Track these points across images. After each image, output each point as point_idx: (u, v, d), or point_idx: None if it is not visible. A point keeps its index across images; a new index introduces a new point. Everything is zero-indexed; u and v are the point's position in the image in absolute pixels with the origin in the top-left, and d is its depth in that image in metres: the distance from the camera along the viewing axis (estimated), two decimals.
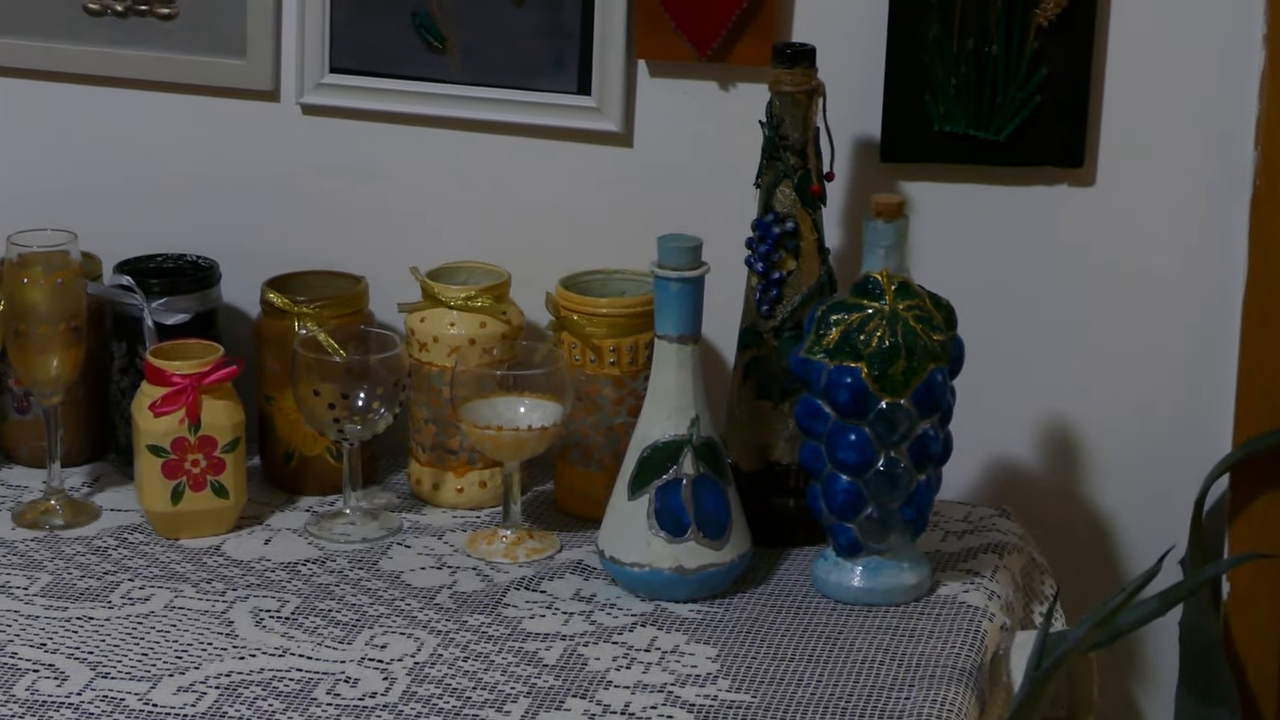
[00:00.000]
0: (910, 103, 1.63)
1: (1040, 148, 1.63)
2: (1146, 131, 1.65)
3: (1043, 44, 1.60)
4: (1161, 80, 1.64)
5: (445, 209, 1.81)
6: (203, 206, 1.86)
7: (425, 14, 1.74)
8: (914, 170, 1.67)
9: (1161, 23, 1.62)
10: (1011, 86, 1.61)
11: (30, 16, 1.83)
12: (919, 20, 1.61)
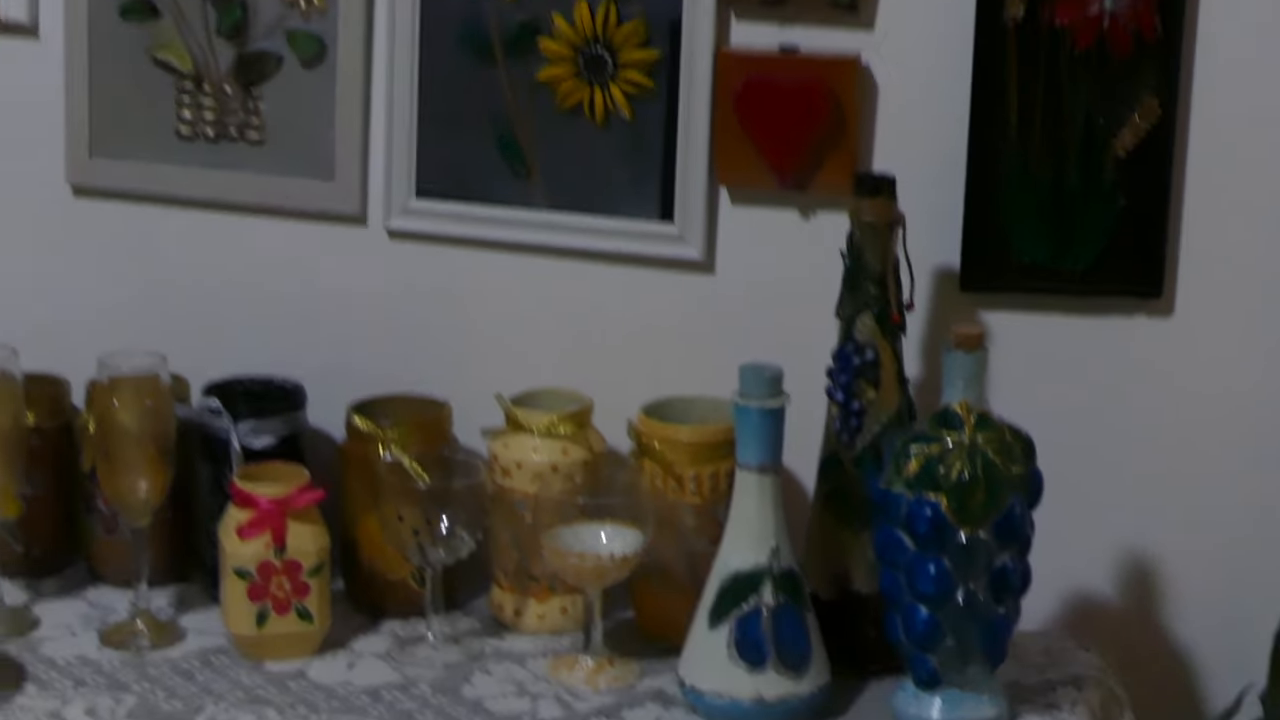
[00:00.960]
0: (989, 233, 1.72)
1: (1119, 278, 1.72)
2: (1225, 261, 1.72)
3: (1121, 174, 1.68)
4: (1240, 209, 1.72)
5: (528, 334, 1.90)
6: (290, 328, 1.95)
7: (510, 139, 1.85)
8: (993, 300, 1.74)
9: (1240, 151, 1.70)
10: (1090, 217, 1.70)
11: (126, 140, 1.96)
12: (998, 151, 1.70)
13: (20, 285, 2.04)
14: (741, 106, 1.75)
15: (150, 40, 1.93)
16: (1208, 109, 1.70)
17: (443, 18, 1.85)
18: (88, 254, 2.03)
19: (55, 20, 1.96)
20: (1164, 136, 1.68)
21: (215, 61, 1.92)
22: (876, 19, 1.74)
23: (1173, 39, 1.66)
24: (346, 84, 1.89)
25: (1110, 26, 1.65)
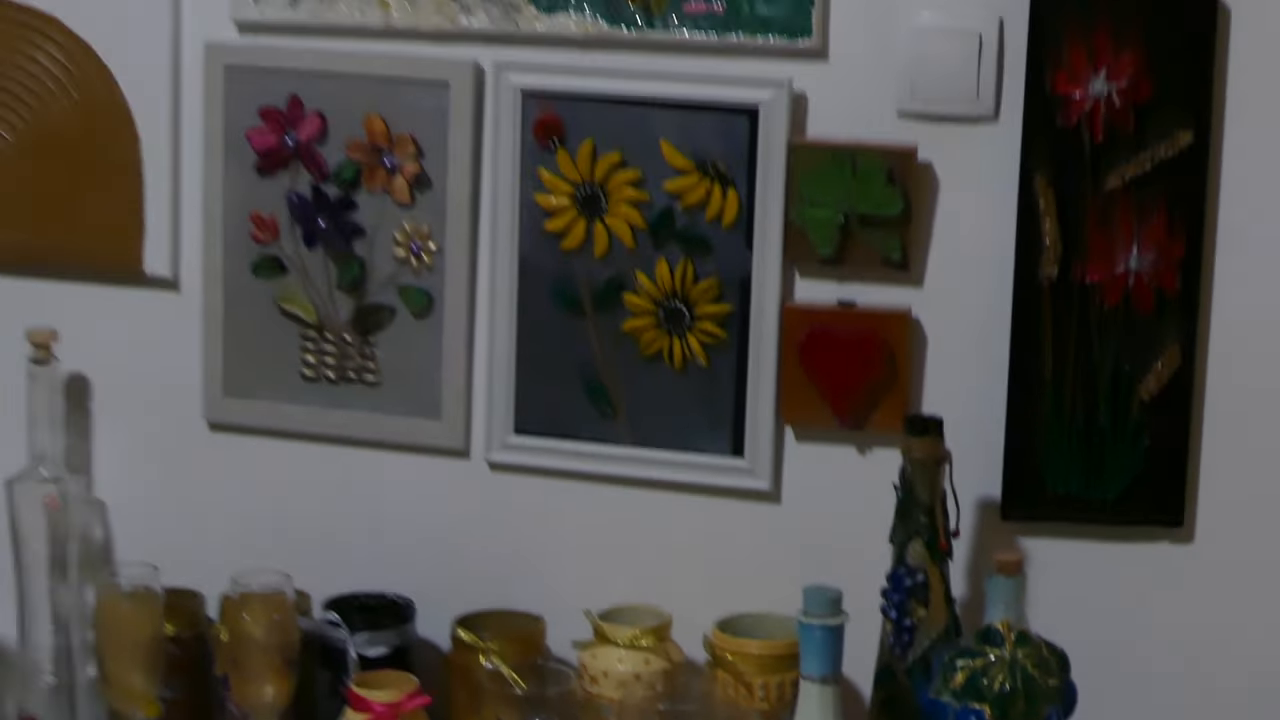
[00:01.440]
0: (1027, 468, 1.81)
1: (1144, 508, 1.81)
2: (1242, 495, 1.82)
3: (1146, 416, 1.78)
4: (1256, 449, 1.81)
5: (614, 556, 2.01)
6: (401, 549, 2.07)
7: (597, 383, 1.97)
8: (1031, 528, 1.84)
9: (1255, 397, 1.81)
10: (1118, 454, 1.80)
11: (256, 381, 2.11)
12: (1035, 395, 1.80)
13: (163, 509, 2.16)
14: (805, 355, 1.87)
15: (278, 293, 2.07)
16: (1225, 358, 1.81)
17: (538, 274, 1.98)
18: (222, 482, 2.14)
19: (194, 275, 2.11)
20: (1185, 383, 1.78)
21: (336, 312, 2.06)
22: (925, 276, 1.87)
23: (1191, 295, 1.77)
24: (452, 333, 2.01)
25: (1135, 284, 1.77)
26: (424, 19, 1.99)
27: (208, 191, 2.09)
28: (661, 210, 1.93)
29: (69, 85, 2.12)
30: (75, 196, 2.15)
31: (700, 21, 1.89)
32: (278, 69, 2.05)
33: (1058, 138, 1.78)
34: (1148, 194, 1.77)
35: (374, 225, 2.04)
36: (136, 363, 2.17)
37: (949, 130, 1.84)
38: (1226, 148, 1.77)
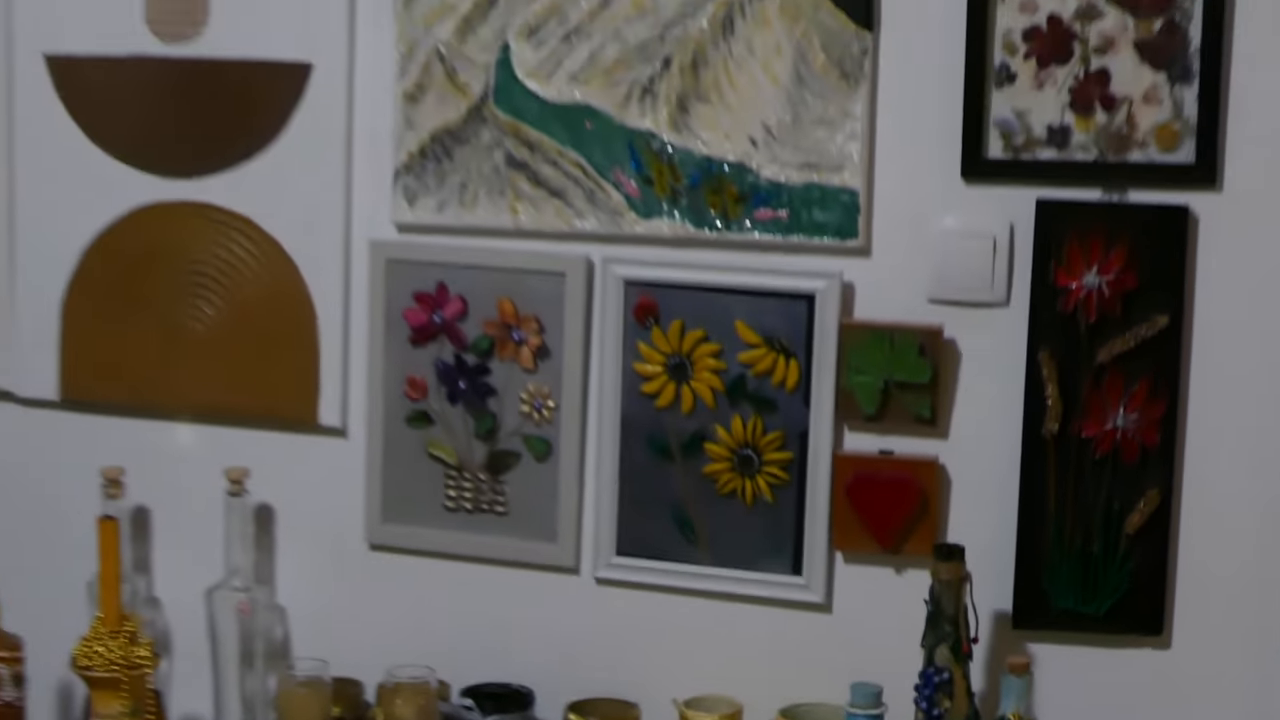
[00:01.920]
0: (1034, 587, 1.95)
1: (1130, 620, 1.92)
2: (1212, 611, 1.93)
3: (1131, 546, 1.92)
4: (1223, 573, 1.93)
5: (696, 654, 2.11)
6: (523, 648, 2.20)
7: (684, 515, 2.11)
8: (1037, 635, 1.96)
9: (1222, 533, 1.94)
10: (1108, 576, 1.93)
11: (407, 511, 2.27)
12: (1039, 527, 1.95)
13: (332, 613, 2.31)
14: (852, 494, 2.01)
15: (426, 441, 2.21)
16: (1196, 500, 1.92)
17: (636, 427, 2.11)
18: (379, 592, 2.29)
19: (359, 426, 2.26)
20: (1163, 519, 1.91)
21: (473, 456, 2.20)
22: (950, 431, 2.01)
23: (1169, 448, 1.90)
24: (566, 474, 2.15)
25: (1122, 439, 1.90)
26: (545, 222, 2.13)
27: (371, 359, 2.24)
28: (736, 376, 2.06)
29: (259, 272, 2.28)
30: (264, 362, 2.28)
31: (768, 225, 2.04)
32: (428, 262, 2.19)
33: (1058, 320, 1.91)
34: (1133, 366, 1.90)
35: (504, 386, 2.17)
36: (312, 495, 2.31)
37: (969, 313, 1.98)
38: (1197, 329, 1.90)
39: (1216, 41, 1.82)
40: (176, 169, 2.27)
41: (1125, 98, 1.88)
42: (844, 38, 1.96)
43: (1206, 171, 1.86)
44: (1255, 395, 1.89)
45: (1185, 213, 1.86)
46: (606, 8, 2.05)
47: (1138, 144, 1.89)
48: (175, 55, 2.25)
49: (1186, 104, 1.85)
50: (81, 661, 2.04)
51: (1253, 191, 1.86)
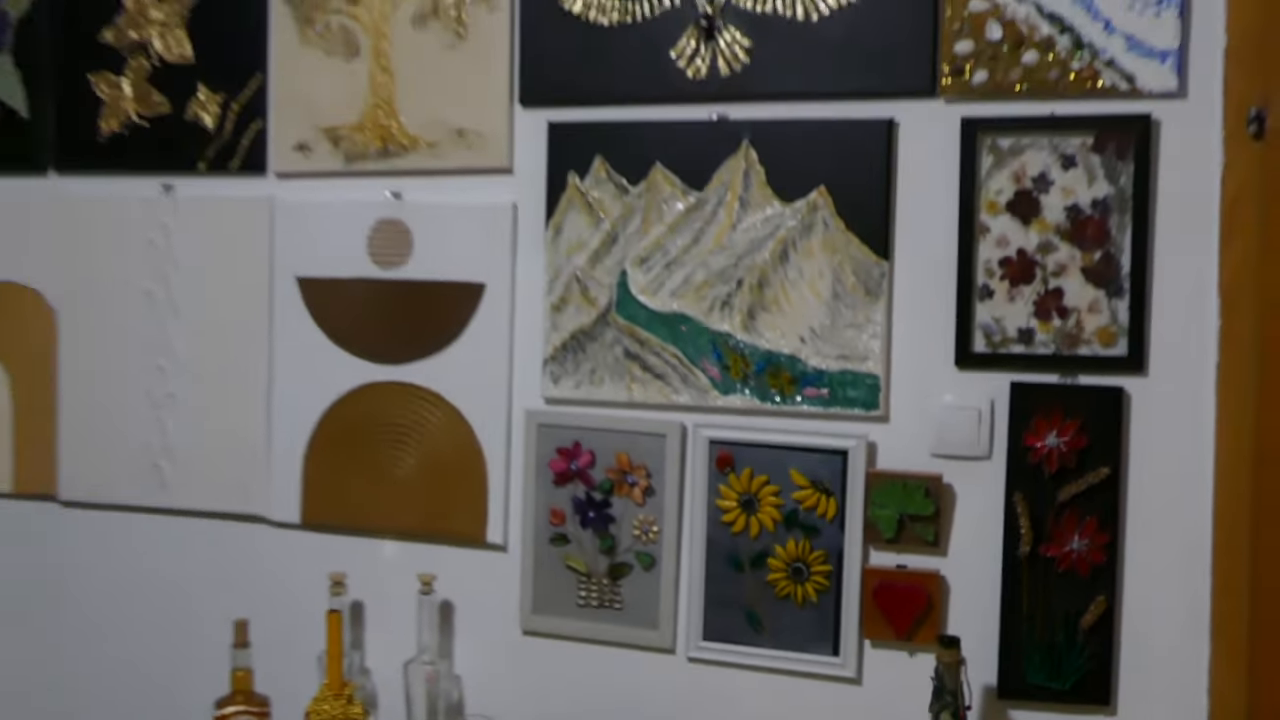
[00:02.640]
0: (1013, 668, 1.96)
1: (1086, 695, 1.94)
2: (1148, 687, 1.94)
3: (1085, 639, 1.94)
4: (1155, 659, 1.92)
5: (761, 715, 2.13)
6: (635, 708, 2.22)
7: (753, 613, 2.10)
8: (1016, 704, 1.97)
9: (1154, 630, 1.90)
10: (1070, 662, 1.95)
11: (550, 607, 2.26)
12: (1017, 624, 1.95)
13: (494, 681, 2.32)
14: (877, 597, 2.02)
15: (564, 555, 2.24)
16: (1134, 604, 1.93)
17: (717, 546, 2.14)
18: (530, 666, 2.30)
19: (516, 543, 2.28)
20: (1109, 618, 1.92)
21: (598, 567, 2.21)
22: (950, 550, 2.01)
23: (1112, 566, 1.91)
24: (666, 580, 2.16)
25: (1077, 558, 1.93)
26: (651, 397, 2.17)
27: (525, 495, 2.25)
28: (790, 510, 2.08)
29: (445, 432, 2.31)
30: (447, 497, 2.30)
31: (813, 400, 2.07)
32: (567, 425, 2.21)
33: (1028, 470, 1.93)
34: (1084, 504, 1.91)
35: (621, 516, 2.19)
36: (481, 594, 2.32)
37: (962, 465, 1.99)
38: (1131, 477, 1.92)
39: (1141, 268, 1.88)
40: (387, 358, 2.32)
41: (1075, 308, 1.91)
42: (868, 265, 2.02)
43: (1136, 362, 1.89)
44: (1176, 526, 1.91)
45: (1121, 392, 1.89)
46: (696, 244, 2.11)
47: (1084, 342, 1.91)
48: (388, 277, 2.31)
49: (1120, 313, 1.89)
50: (312, 717, 2.12)
51: (1169, 377, 1.89)
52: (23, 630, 2.56)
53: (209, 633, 2.36)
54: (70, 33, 2.44)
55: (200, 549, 2.44)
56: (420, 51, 2.23)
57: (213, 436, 2.41)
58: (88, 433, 2.47)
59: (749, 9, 2.04)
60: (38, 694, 2.56)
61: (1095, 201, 1.88)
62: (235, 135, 2.36)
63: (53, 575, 2.53)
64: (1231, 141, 1.76)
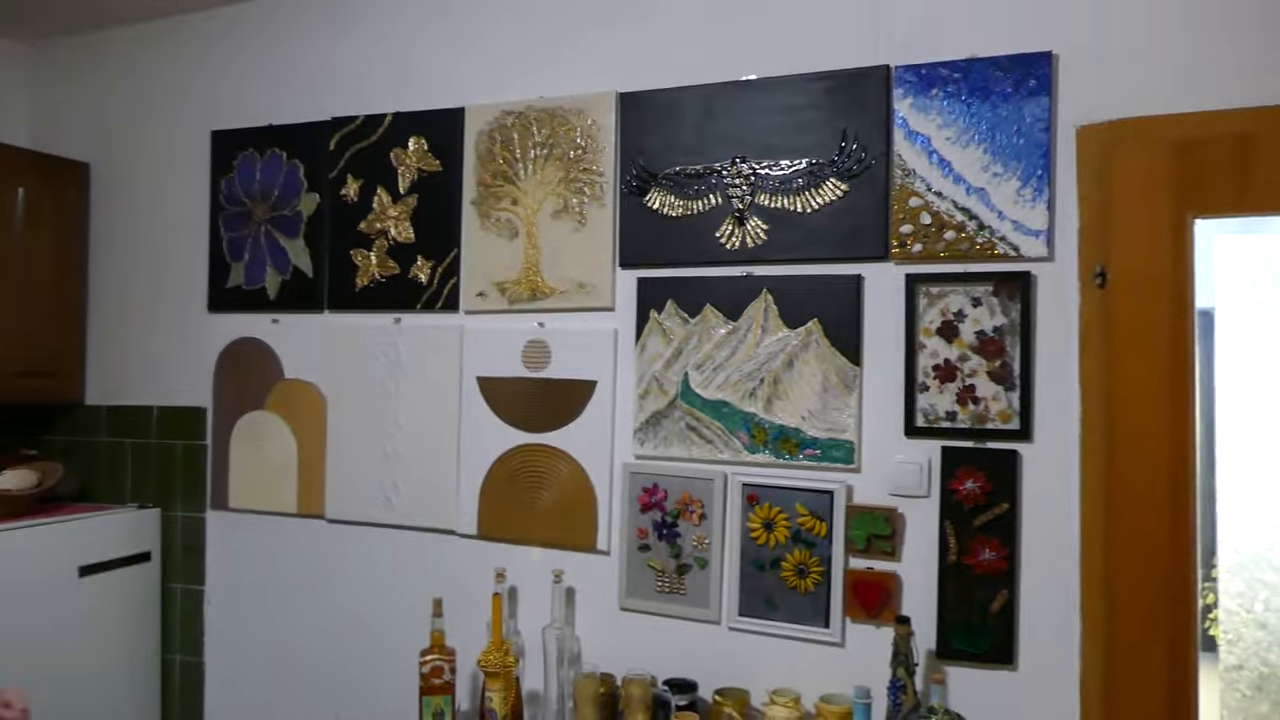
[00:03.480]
0: (946, 638, 1.92)
1: (996, 656, 1.91)
2: (1040, 650, 1.83)
3: (994, 620, 1.86)
4: (1044, 634, 1.82)
5: (778, 668, 2.06)
6: (692, 661, 2.12)
7: (770, 597, 2.04)
8: (949, 663, 1.92)
9: (1042, 610, 1.82)
10: (984, 634, 1.91)
11: (637, 592, 2.18)
12: (949, 609, 1.91)
13: (601, 641, 2.23)
14: (855, 590, 2.01)
15: (646, 558, 2.21)
16: (1027, 596, 1.88)
17: (747, 555, 2.10)
18: (625, 632, 2.20)
19: (616, 549, 2.23)
20: (1010, 606, 1.88)
21: (668, 566, 2.18)
22: (903, 558, 1.97)
23: (1013, 570, 1.85)
24: (714, 575, 2.14)
25: (988, 565, 1.87)
26: (704, 455, 2.12)
27: (621, 518, 2.23)
28: (796, 530, 2.05)
29: (569, 478, 2.28)
30: (571, 520, 2.28)
31: (810, 458, 2.04)
32: (649, 473, 2.19)
33: (954, 505, 1.91)
34: (992, 529, 1.89)
35: (684, 533, 2.16)
36: (593, 582, 2.26)
37: (910, 501, 1.96)
38: (1024, 510, 1.89)
39: (1027, 371, 1.88)
40: (533, 428, 2.31)
41: (983, 398, 1.89)
42: (846, 370, 2.01)
43: (1025, 433, 1.87)
44: (1054, 542, 1.87)
45: (1015, 453, 1.86)
46: (733, 355, 2.10)
47: (990, 420, 1.89)
48: (535, 376, 2.30)
49: (1014, 401, 1.87)
50: (482, 662, 2.09)
51: (1048, 442, 1.86)
52: (300, 605, 2.59)
53: (417, 606, 2.38)
54: (338, 224, 2.52)
55: (413, 551, 2.43)
56: (556, 234, 2.26)
57: (422, 478, 2.41)
58: (344, 474, 2.49)
59: (766, 206, 2.07)
60: (308, 652, 2.58)
61: (996, 328, 1.87)
62: (439, 287, 2.39)
63: (321, 568, 2.55)
64: (1085, 288, 1.79)
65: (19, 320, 2.58)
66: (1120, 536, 1.70)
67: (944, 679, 1.72)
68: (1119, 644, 1.71)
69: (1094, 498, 1.76)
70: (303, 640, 2.52)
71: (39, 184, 2.62)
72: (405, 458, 2.40)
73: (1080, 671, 1.77)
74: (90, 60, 2.79)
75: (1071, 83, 1.77)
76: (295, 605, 2.52)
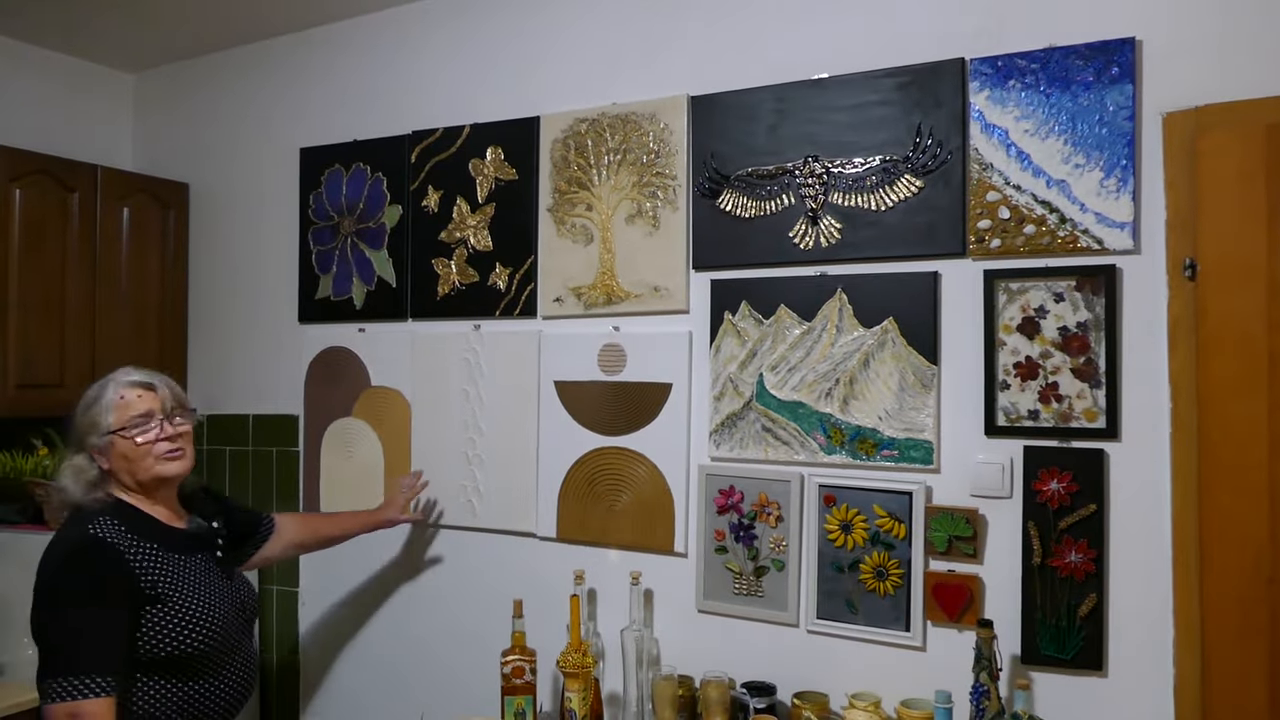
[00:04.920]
0: (1031, 641, 1.90)
1: (1084, 662, 1.86)
2: (1131, 655, 1.81)
3: (1082, 623, 1.82)
4: (1134, 637, 1.78)
5: (855, 671, 2.05)
6: (771, 664, 2.13)
7: (850, 599, 2.03)
8: (1034, 668, 1.90)
9: (1132, 613, 1.78)
10: (1071, 638, 1.86)
11: (714, 594, 2.19)
12: (1034, 611, 1.87)
13: (679, 642, 2.25)
14: (935, 593, 1.99)
15: (724, 560, 2.20)
16: (1115, 600, 1.84)
17: (825, 556, 2.08)
18: (703, 633, 2.22)
19: (694, 552, 2.23)
20: (1099, 610, 1.85)
21: (746, 568, 2.15)
22: (985, 560, 1.95)
23: (1101, 573, 1.82)
24: (792, 577, 2.11)
25: (1074, 568, 1.86)
26: (780, 456, 2.13)
27: (698, 521, 2.22)
28: (874, 532, 2.03)
29: (647, 480, 2.30)
30: (649, 522, 2.29)
31: (888, 458, 2.02)
32: (726, 475, 2.20)
33: (1037, 507, 1.88)
34: (1078, 531, 1.85)
35: (761, 535, 2.15)
36: (670, 584, 2.26)
37: (991, 502, 1.93)
38: (1111, 511, 1.85)
39: (1113, 367, 1.83)
40: (610, 431, 2.33)
41: (1067, 395, 1.86)
42: (922, 369, 2.00)
43: (1112, 432, 1.83)
44: (1145, 543, 1.79)
45: (1102, 453, 1.83)
46: (808, 356, 2.10)
47: (1075, 418, 1.85)
48: (611, 380, 2.32)
49: (1100, 399, 1.83)
50: (561, 663, 2.10)
51: (1135, 442, 1.83)
52: (387, 606, 2.68)
53: (498, 607, 2.42)
54: (419, 235, 2.58)
55: (494, 553, 2.47)
56: (630, 238, 2.28)
57: (503, 482, 2.44)
58: (429, 478, 2.57)
59: (840, 204, 2.06)
60: (395, 651, 2.65)
61: (1079, 323, 1.84)
62: (517, 294, 2.43)
63: (407, 571, 2.64)
64: (1173, 281, 1.76)
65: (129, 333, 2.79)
66: (1215, 537, 1.66)
67: (1029, 685, 1.71)
68: (1216, 649, 1.67)
69: (1186, 497, 1.71)
70: (390, 640, 2.58)
71: (144, 204, 2.81)
72: (486, 462, 2.43)
73: (1175, 678, 1.73)
74: (187, 86, 2.97)
75: (1156, 68, 1.73)
76: (383, 606, 2.60)
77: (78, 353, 2.61)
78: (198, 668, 1.54)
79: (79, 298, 2.61)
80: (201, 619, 1.55)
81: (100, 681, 1.42)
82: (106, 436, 1.59)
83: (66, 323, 2.59)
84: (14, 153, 2.45)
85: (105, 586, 1.47)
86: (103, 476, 1.60)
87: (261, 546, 2.00)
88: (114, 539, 1.52)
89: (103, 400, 1.61)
